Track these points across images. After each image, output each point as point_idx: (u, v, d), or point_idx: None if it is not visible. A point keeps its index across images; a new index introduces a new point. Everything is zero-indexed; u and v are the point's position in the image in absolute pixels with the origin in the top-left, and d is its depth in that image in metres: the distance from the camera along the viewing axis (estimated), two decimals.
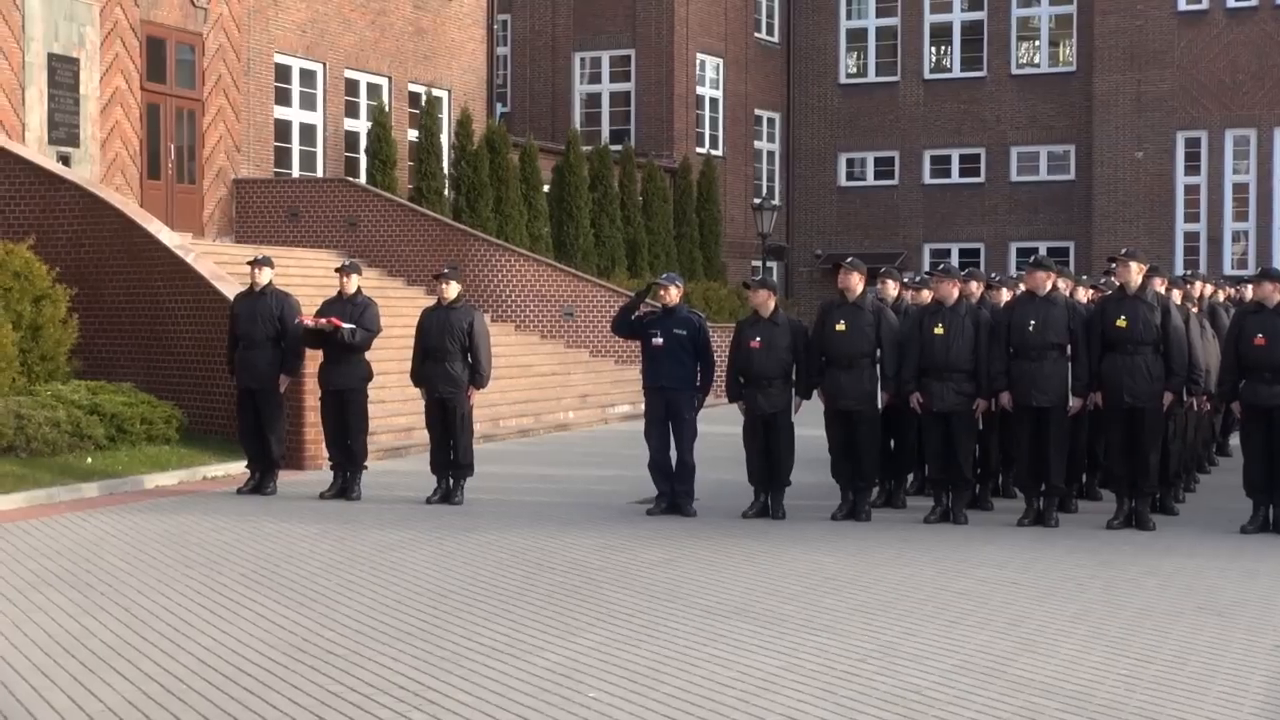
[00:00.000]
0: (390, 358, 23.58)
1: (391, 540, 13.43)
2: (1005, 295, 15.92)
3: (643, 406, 15.86)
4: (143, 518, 14.62)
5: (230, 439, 18.45)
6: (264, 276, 16.46)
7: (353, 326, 15.77)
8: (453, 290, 15.76)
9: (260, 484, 16.39)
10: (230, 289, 19.78)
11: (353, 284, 16.32)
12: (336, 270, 16.76)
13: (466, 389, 15.69)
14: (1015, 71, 44.31)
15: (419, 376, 15.87)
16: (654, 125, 41.30)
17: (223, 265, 21.50)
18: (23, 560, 12.24)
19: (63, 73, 24.66)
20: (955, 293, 14.76)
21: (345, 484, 16.09)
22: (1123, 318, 14.14)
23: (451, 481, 15.90)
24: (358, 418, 16.13)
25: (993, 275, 18.19)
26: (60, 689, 8.28)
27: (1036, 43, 44.53)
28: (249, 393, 16.37)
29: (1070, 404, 14.38)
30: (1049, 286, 14.58)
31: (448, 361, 15.57)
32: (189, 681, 8.46)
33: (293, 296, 16.74)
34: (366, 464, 16.39)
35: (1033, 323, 14.34)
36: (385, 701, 8.03)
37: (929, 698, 8.14)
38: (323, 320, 15.83)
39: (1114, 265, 15.04)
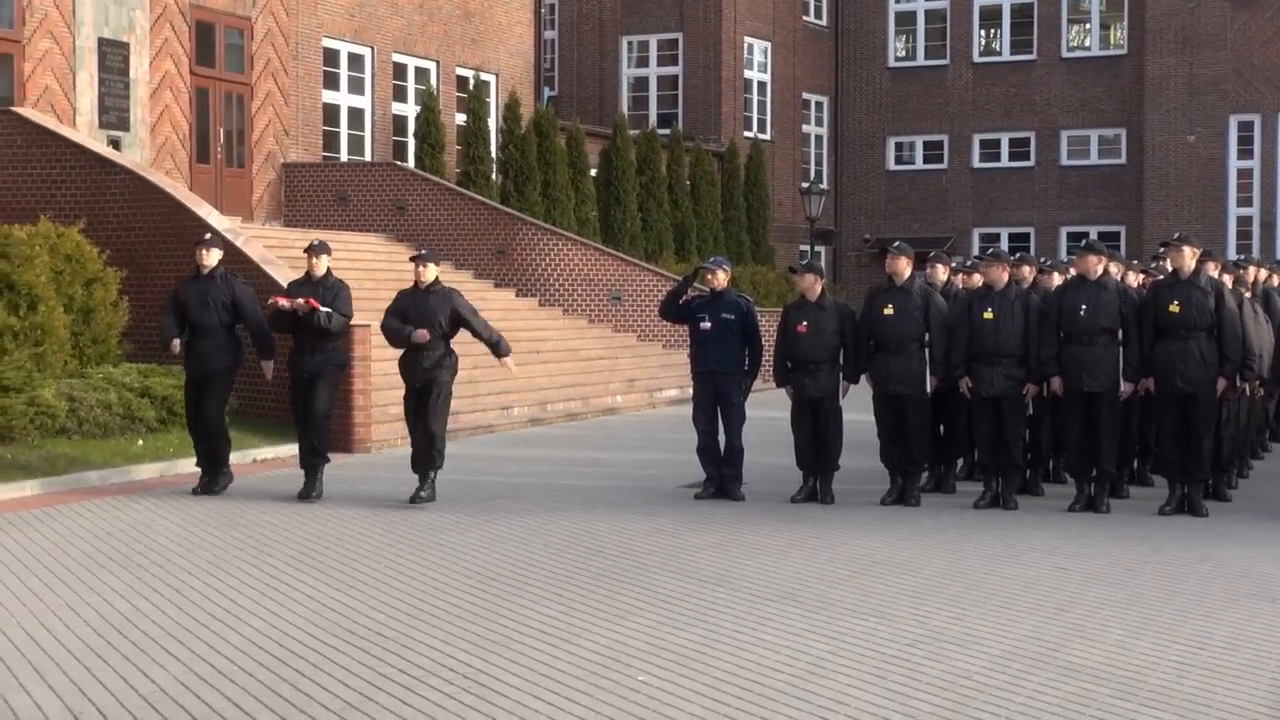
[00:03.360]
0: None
1: (441, 523, 13.47)
2: (1056, 279, 15.86)
3: (690, 391, 15.86)
4: (193, 500, 14.71)
5: (279, 423, 18.54)
6: (212, 258, 15.05)
7: (329, 310, 14.59)
8: (430, 273, 14.65)
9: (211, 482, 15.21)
10: (279, 272, 19.88)
11: (322, 265, 15.03)
12: (305, 250, 15.31)
13: (451, 372, 14.66)
14: (1065, 54, 44.07)
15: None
16: (702, 109, 41.22)
17: (272, 249, 21.61)
18: (75, 542, 12.33)
19: (113, 57, 24.80)
20: (1005, 277, 14.70)
21: (305, 478, 14.97)
22: (1176, 303, 14.04)
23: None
24: (322, 402, 14.89)
25: (1043, 260, 18.12)
26: (113, 669, 8.33)
27: (1087, 25, 44.27)
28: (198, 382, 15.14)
29: (1121, 389, 14.31)
30: (1100, 271, 14.49)
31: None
32: (239, 662, 8.51)
33: (240, 278, 15.48)
34: (329, 457, 15.24)
35: (1084, 307, 14.26)
36: (435, 684, 8.05)
37: (979, 683, 8.13)
38: (299, 301, 14.58)
39: (1166, 250, 14.96)
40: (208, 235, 15.39)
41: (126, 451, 16.75)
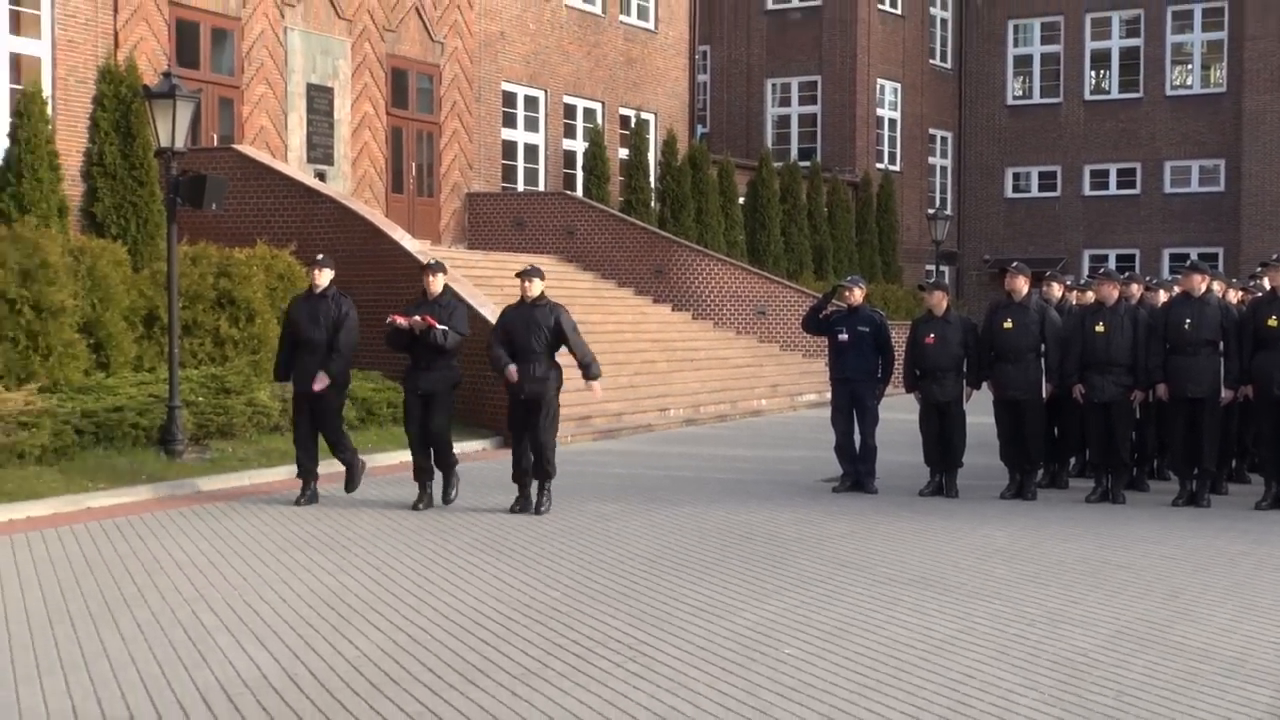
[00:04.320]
0: (604, 350, 23.80)
1: (606, 511, 13.52)
2: (1162, 296, 15.62)
3: (828, 395, 15.82)
4: (389, 488, 14.89)
5: (465, 423, 18.69)
6: (324, 278, 13.91)
7: (445, 328, 13.29)
8: (536, 288, 13.38)
9: (315, 492, 14.01)
10: (463, 288, 20.08)
11: (439, 284, 13.69)
12: (423, 268, 14.05)
13: (557, 386, 13.50)
14: (1169, 93, 43.26)
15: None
16: (838, 144, 41.03)
17: (457, 268, 21.82)
18: (285, 524, 12.54)
19: (319, 100, 25.21)
20: (1115, 294, 14.55)
21: (435, 490, 13.81)
22: (1274, 318, 13.80)
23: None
24: (441, 418, 13.68)
25: (1150, 278, 17.87)
26: (323, 637, 8.46)
27: (1189, 66, 43.43)
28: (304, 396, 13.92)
29: (1222, 395, 14.08)
30: (1204, 288, 14.29)
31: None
32: (431, 632, 8.60)
33: (350, 299, 14.25)
34: (455, 462, 14.05)
35: (1188, 321, 14.07)
36: (604, 654, 8.09)
37: (1094, 660, 8.00)
38: (416, 318, 13.32)
39: (1264, 269, 14.73)
40: (320, 256, 14.20)
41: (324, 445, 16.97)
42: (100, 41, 21.22)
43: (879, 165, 41.64)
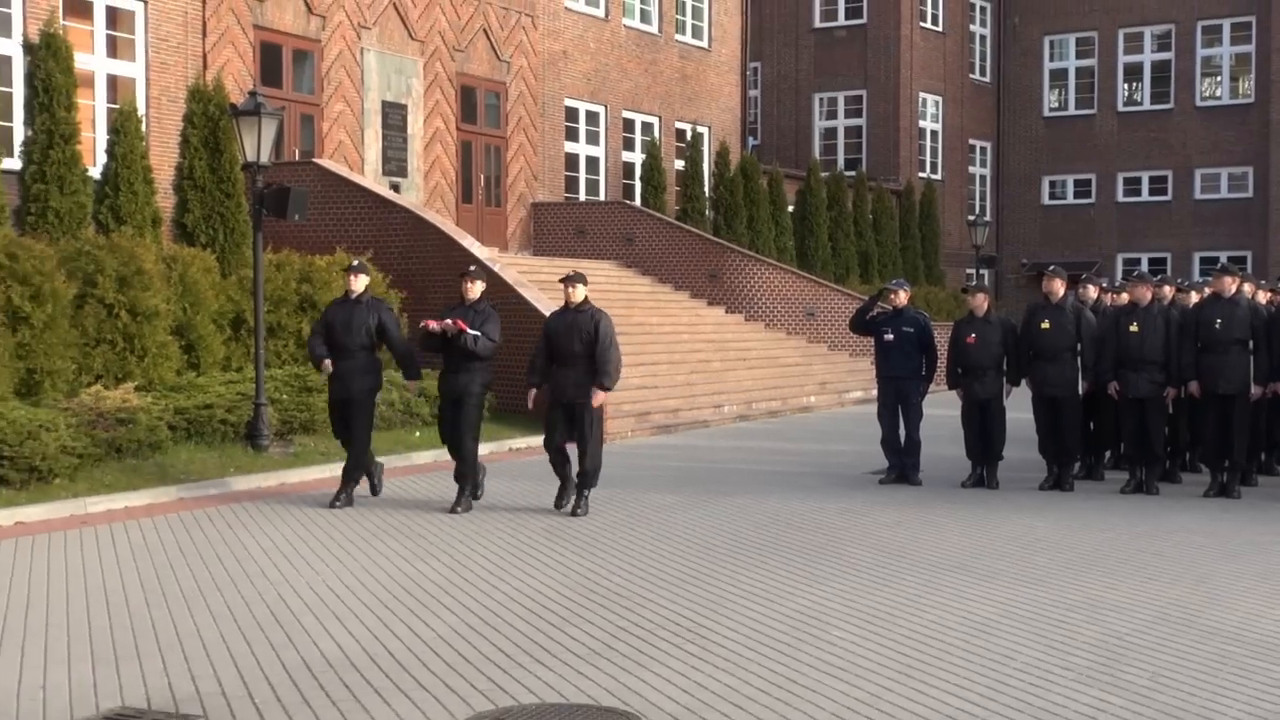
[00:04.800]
0: (662, 349, 23.80)
1: (666, 502, 13.54)
2: (1194, 297, 15.51)
3: (874, 392, 15.78)
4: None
5: (531, 416, 18.72)
6: (359, 284, 13.30)
7: (477, 334, 12.62)
8: (579, 293, 12.78)
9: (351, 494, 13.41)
10: (529, 293, 20.15)
11: (476, 290, 13.00)
12: (461, 275, 13.32)
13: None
14: (1199, 104, 42.81)
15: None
16: (882, 154, 40.88)
17: (524, 274, 21.90)
18: (366, 514, 12.62)
19: (393, 116, 25.33)
20: (1149, 295, 14.44)
21: (469, 489, 13.09)
22: None
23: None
24: (470, 425, 12.92)
25: (1181, 280, 17.74)
26: (400, 619, 8.53)
27: (1219, 78, 42.96)
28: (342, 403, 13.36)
29: (1252, 391, 13.96)
30: (1234, 289, 14.18)
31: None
32: (502, 615, 8.65)
33: (386, 304, 13.73)
34: (481, 469, 13.29)
35: (1219, 321, 13.96)
36: (665, 635, 8.11)
37: (1129, 643, 7.96)
38: (448, 322, 12.66)
39: None
40: (355, 263, 13.46)
41: (407, 441, 17.09)
42: (190, 63, 21.42)
43: (921, 174, 41.44)
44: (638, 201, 30.65)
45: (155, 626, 8.27)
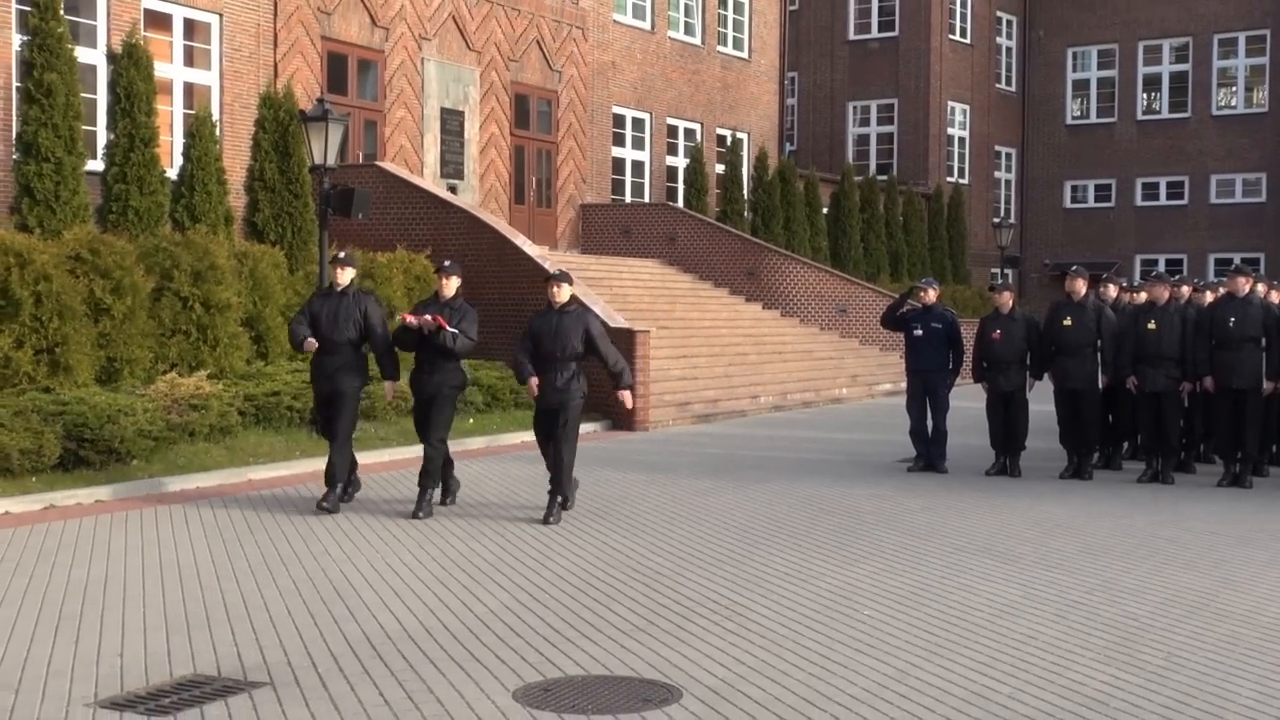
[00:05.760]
0: (702, 343, 23.75)
1: (704, 487, 13.51)
2: (1209, 297, 15.36)
3: (903, 385, 15.70)
4: (512, 465, 14.97)
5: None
6: (345, 276, 11.92)
7: (454, 331, 11.43)
8: (564, 293, 11.61)
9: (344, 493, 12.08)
10: (578, 289, 20.09)
11: (452, 286, 11.70)
12: (436, 270, 12.09)
13: (582, 395, 11.57)
14: (1215, 112, 42.40)
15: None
16: (912, 159, 40.69)
17: (573, 271, 21.85)
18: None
19: (451, 123, 25.36)
20: (1166, 294, 14.33)
21: (443, 489, 12.13)
22: None
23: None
24: (438, 424, 11.64)
25: (1198, 280, 17.58)
26: (455, 595, 8.52)
27: (1234, 89, 42.54)
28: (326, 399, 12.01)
29: (1264, 387, 13.82)
30: (1248, 289, 14.05)
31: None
32: (549, 591, 8.64)
33: (374, 297, 12.21)
34: (453, 465, 12.20)
35: (1233, 319, 13.83)
36: (702, 613, 8.08)
37: (1145, 624, 7.88)
38: (427, 318, 11.46)
39: None
40: (341, 255, 12.11)
41: (461, 428, 17.08)
42: (261, 72, 21.50)
43: (949, 179, 41.23)
44: (680, 203, 30.61)
45: (225, 600, 8.31)
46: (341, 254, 12.11)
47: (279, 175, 19.10)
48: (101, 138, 18.48)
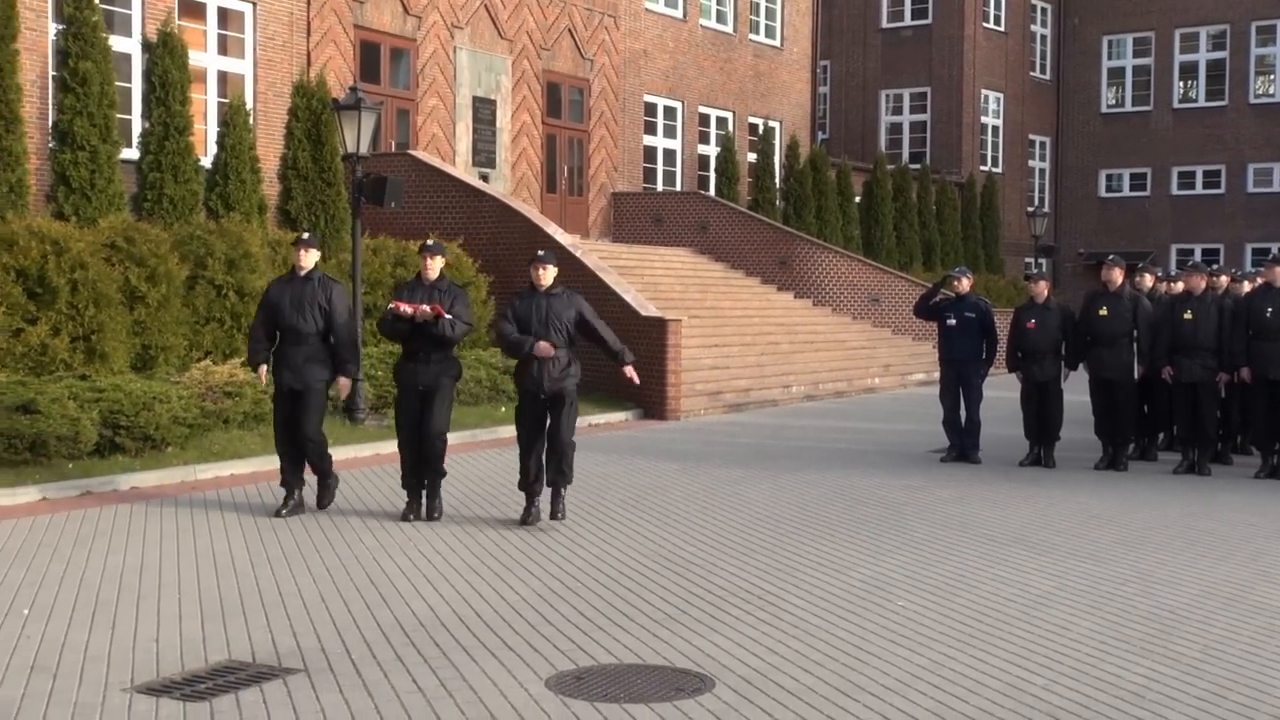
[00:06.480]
0: (733, 332, 23.71)
1: (736, 477, 13.50)
2: (1246, 287, 15.25)
3: (936, 375, 15.65)
4: None
5: (610, 395, 18.76)
6: (309, 259, 10.91)
7: (452, 318, 10.57)
8: (549, 275, 10.71)
9: (300, 501, 11.06)
10: (609, 278, 20.14)
11: (436, 267, 10.81)
12: (420, 250, 11.02)
13: (577, 380, 10.81)
14: (1253, 101, 42.08)
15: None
16: (946, 148, 40.52)
17: (604, 259, 21.90)
18: (452, 483, 12.62)
19: (483, 111, 25.39)
20: (1203, 284, 14.24)
21: (427, 495, 10.95)
22: None
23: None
24: (441, 418, 10.77)
25: (1235, 270, 17.45)
26: (487, 583, 8.53)
27: (1271, 76, 42.20)
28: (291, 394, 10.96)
29: None
30: None
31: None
32: (582, 580, 8.65)
33: (340, 283, 11.16)
34: (445, 471, 11.07)
35: (1270, 309, 13.71)
36: (735, 603, 8.08)
37: (1181, 616, 7.84)
38: (423, 307, 10.54)
39: None
40: (305, 235, 11.09)
41: (493, 416, 17.14)
42: (295, 60, 21.56)
43: (983, 167, 41.04)
44: (712, 192, 30.57)
45: (259, 586, 8.35)
46: (305, 236, 11.11)
47: (312, 164, 19.16)
48: (136, 126, 18.58)
